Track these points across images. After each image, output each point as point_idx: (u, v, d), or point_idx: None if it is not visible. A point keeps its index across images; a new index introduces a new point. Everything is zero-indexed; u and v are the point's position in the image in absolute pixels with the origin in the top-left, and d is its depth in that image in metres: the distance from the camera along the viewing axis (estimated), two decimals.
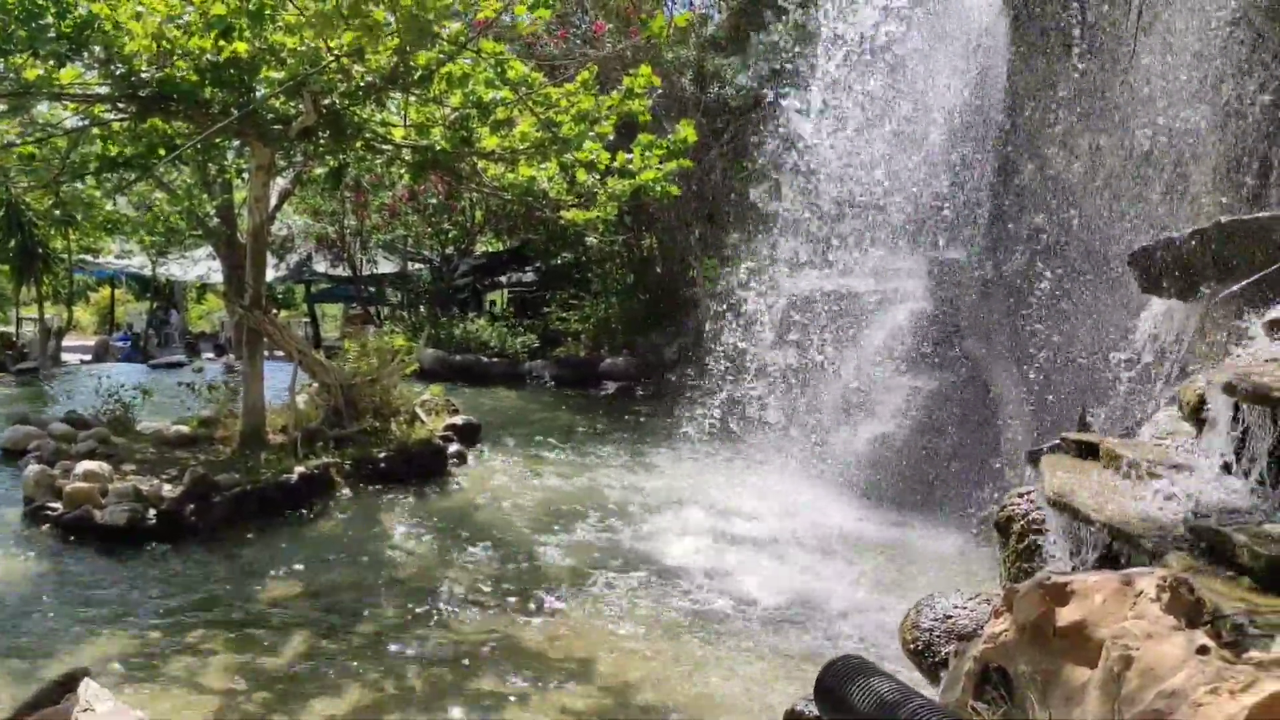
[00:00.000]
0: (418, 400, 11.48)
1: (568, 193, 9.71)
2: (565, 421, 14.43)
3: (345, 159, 10.02)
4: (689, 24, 16.03)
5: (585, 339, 19.79)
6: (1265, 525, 3.23)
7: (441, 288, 22.69)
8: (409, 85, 8.19)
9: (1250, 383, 3.54)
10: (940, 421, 9.77)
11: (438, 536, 8.19)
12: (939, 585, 5.53)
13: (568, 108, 8.70)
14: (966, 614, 4.34)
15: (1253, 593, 2.91)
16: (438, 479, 10.03)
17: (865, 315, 10.76)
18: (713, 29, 17.76)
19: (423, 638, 5.99)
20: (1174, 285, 6.28)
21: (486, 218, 21.67)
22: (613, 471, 11.02)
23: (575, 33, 17.62)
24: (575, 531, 8.48)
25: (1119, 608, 2.36)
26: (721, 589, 7.04)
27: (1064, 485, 4.11)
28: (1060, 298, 9.21)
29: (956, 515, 8.78)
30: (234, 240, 18.45)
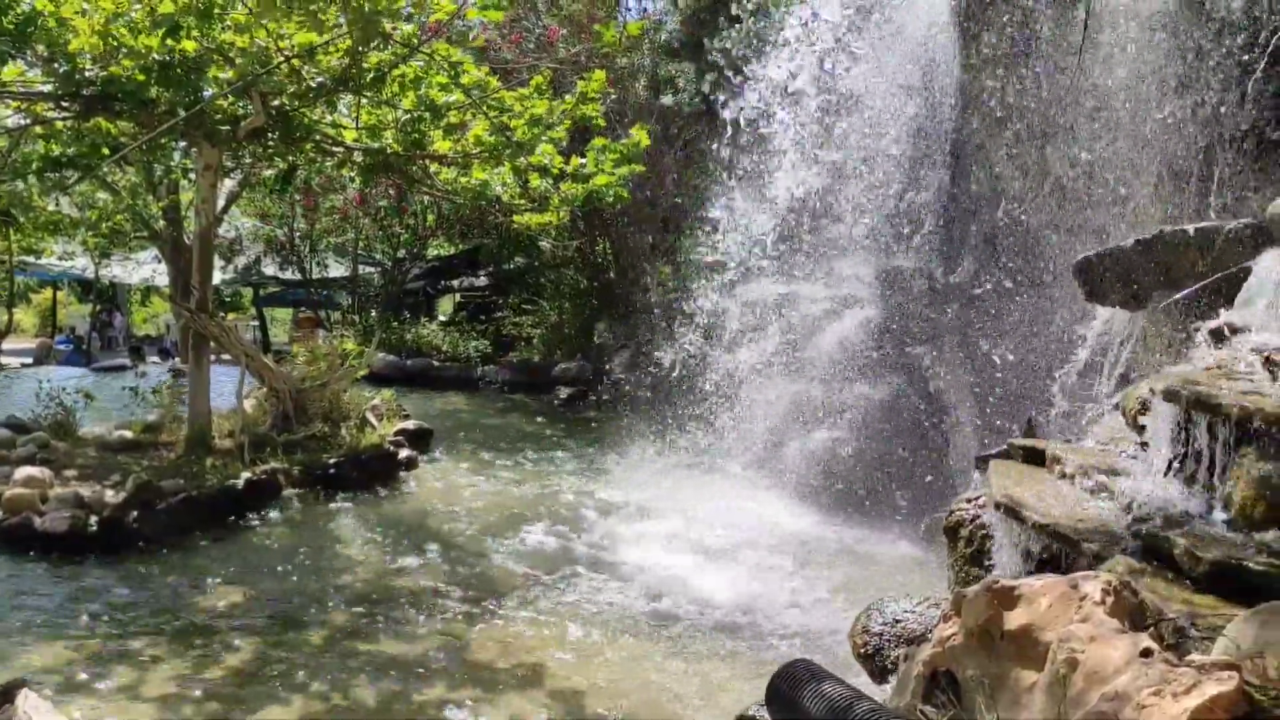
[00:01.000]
0: (368, 405, 11.36)
1: (521, 197, 9.67)
2: (518, 426, 14.36)
3: (295, 161, 9.90)
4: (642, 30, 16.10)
5: (538, 344, 19.71)
6: (1205, 529, 3.30)
7: (393, 292, 22.47)
8: (360, 87, 8.11)
9: (1191, 390, 3.62)
10: (890, 428, 9.87)
11: (388, 543, 8.11)
12: (889, 590, 5.58)
13: (521, 112, 8.68)
14: (915, 618, 4.39)
15: (1194, 595, 2.97)
16: (388, 485, 9.93)
17: (816, 321, 10.84)
18: (666, 35, 17.79)
19: (373, 645, 5.92)
20: (1118, 294, 6.40)
21: (439, 221, 21.50)
22: (566, 477, 10.99)
23: (529, 37, 17.57)
24: (528, 537, 8.44)
25: (1065, 611, 2.39)
26: (674, 594, 7.05)
27: (1011, 490, 4.17)
28: (1007, 305, 9.35)
29: (906, 520, 8.87)
30: (180, 242, 18.14)
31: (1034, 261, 9.12)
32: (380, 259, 23.61)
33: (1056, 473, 4.52)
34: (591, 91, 8.75)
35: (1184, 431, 3.68)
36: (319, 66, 7.96)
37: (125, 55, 7.52)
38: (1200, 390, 3.61)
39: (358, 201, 20.42)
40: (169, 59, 7.37)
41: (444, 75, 8.22)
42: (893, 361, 10.37)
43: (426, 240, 22.88)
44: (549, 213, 9.71)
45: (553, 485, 10.53)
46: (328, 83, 8.01)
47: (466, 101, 8.45)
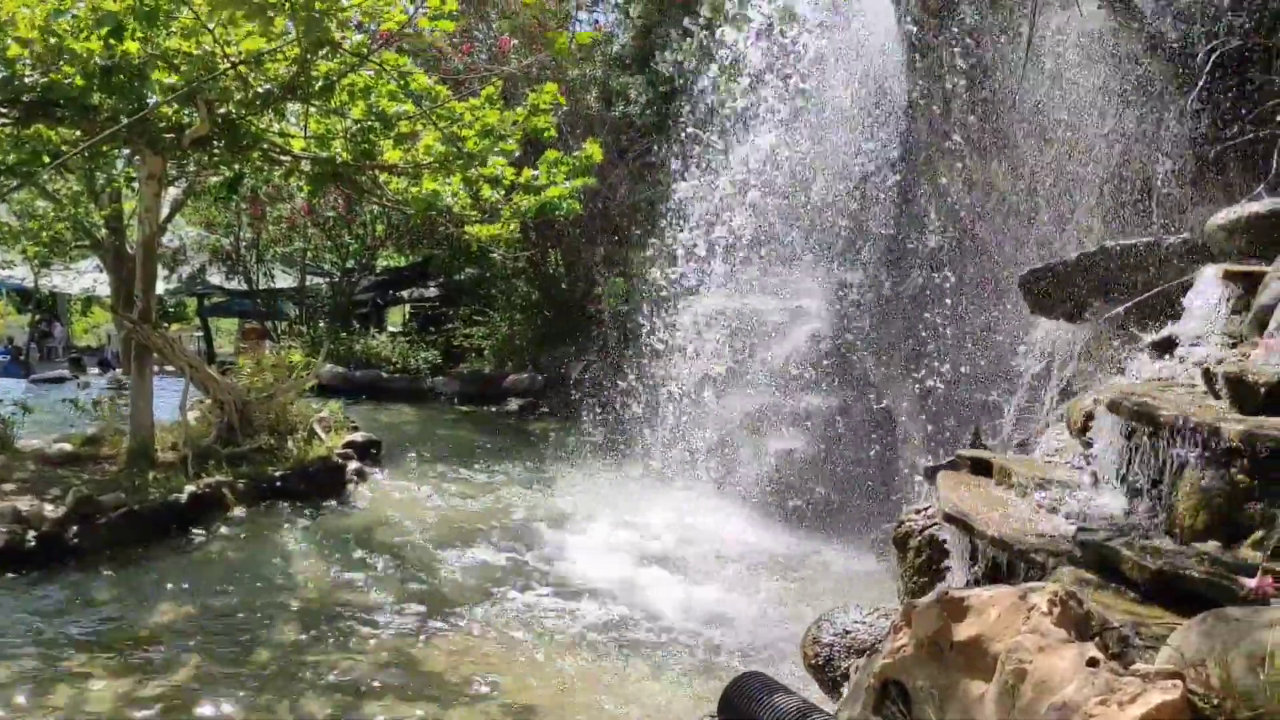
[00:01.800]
0: (316, 417, 11.22)
1: (472, 208, 9.62)
2: (468, 438, 14.26)
3: (241, 169, 9.76)
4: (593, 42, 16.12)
5: (489, 355, 19.61)
6: (1149, 539, 3.36)
7: (341, 302, 22.22)
8: (309, 95, 8.03)
9: (1134, 401, 3.68)
10: (841, 439, 9.95)
11: (336, 556, 8.00)
12: (840, 600, 5.60)
13: (472, 122, 8.64)
14: (865, 629, 4.41)
15: (1138, 605, 3.02)
16: (336, 497, 9.82)
17: (767, 333, 10.91)
18: (618, 47, 17.85)
19: (320, 661, 5.83)
20: (1062, 307, 6.52)
21: (388, 232, 21.32)
22: (517, 489, 10.93)
23: (480, 47, 17.53)
24: (478, 550, 8.38)
25: (1013, 622, 2.41)
26: (625, 606, 7.04)
27: (959, 501, 4.21)
28: (955, 318, 9.47)
29: (857, 531, 8.93)
30: (123, 251, 17.80)
31: (981, 274, 9.25)
32: (329, 269, 23.34)
33: (1004, 484, 4.57)
34: (543, 103, 8.74)
35: (1128, 442, 3.75)
36: (266, 74, 7.86)
37: (66, 60, 7.37)
38: (1143, 402, 3.67)
39: (305, 211, 20.19)
40: (111, 64, 7.23)
41: (394, 84, 8.16)
42: (842, 373, 10.46)
43: (376, 251, 22.67)
44: (500, 224, 9.67)
45: (503, 497, 10.46)
46: (275, 91, 7.91)
47: (417, 111, 8.40)
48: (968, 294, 9.41)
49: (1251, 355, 3.88)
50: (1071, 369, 6.47)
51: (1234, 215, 5.15)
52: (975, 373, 8.80)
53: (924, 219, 10.29)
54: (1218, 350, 4.10)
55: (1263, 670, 2.09)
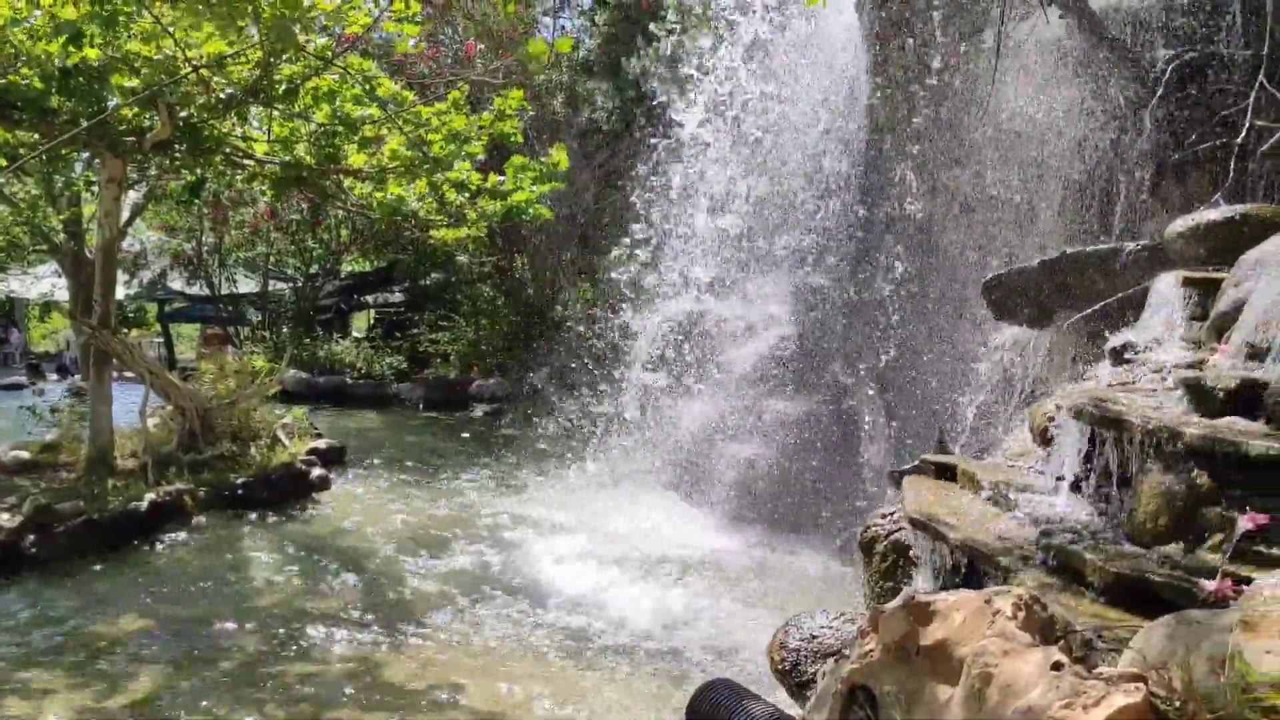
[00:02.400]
0: (279, 423, 11.10)
1: (438, 212, 9.57)
2: (433, 444, 14.18)
3: (203, 173, 9.65)
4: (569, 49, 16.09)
5: (455, 361, 19.52)
6: (1111, 543, 3.40)
7: (305, 307, 22.02)
8: (272, 99, 7.95)
9: (1096, 406, 3.73)
10: (807, 444, 9.99)
11: (300, 564, 7.92)
12: (806, 605, 5.62)
13: (438, 127, 8.60)
14: (832, 633, 4.42)
15: (1101, 608, 3.05)
16: (300, 504, 9.71)
17: (734, 339, 10.93)
18: (584, 53, 17.85)
19: (283, 671, 5.76)
20: (1024, 313, 6.59)
21: (353, 236, 21.17)
22: (482, 495, 10.87)
23: (446, 52, 17.46)
24: (444, 557, 8.32)
25: (979, 626, 2.43)
26: (592, 612, 7.01)
27: (924, 506, 4.24)
28: (920, 323, 9.55)
29: (823, 536, 8.96)
30: (82, 256, 17.50)
31: (945, 280, 9.34)
32: (292, 274, 23.14)
33: (968, 488, 4.61)
34: (509, 108, 8.72)
35: (1090, 447, 3.79)
36: (229, 77, 7.78)
37: (24, 63, 7.26)
38: (1105, 407, 3.72)
39: (269, 215, 20.00)
40: (70, 67, 7.12)
41: (358, 88, 8.10)
42: (809, 378, 10.50)
43: (340, 255, 22.51)
44: (466, 228, 9.63)
45: (469, 504, 10.40)
46: (238, 94, 7.83)
47: (382, 116, 8.34)
48: (932, 300, 9.49)
49: (1210, 360, 3.94)
50: (1034, 374, 6.54)
51: (1192, 223, 5.24)
52: (940, 377, 8.87)
53: (889, 225, 10.37)
54: (1177, 356, 4.15)
55: (1223, 672, 2.12)
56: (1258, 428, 3.32)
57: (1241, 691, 2.05)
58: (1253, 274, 4.14)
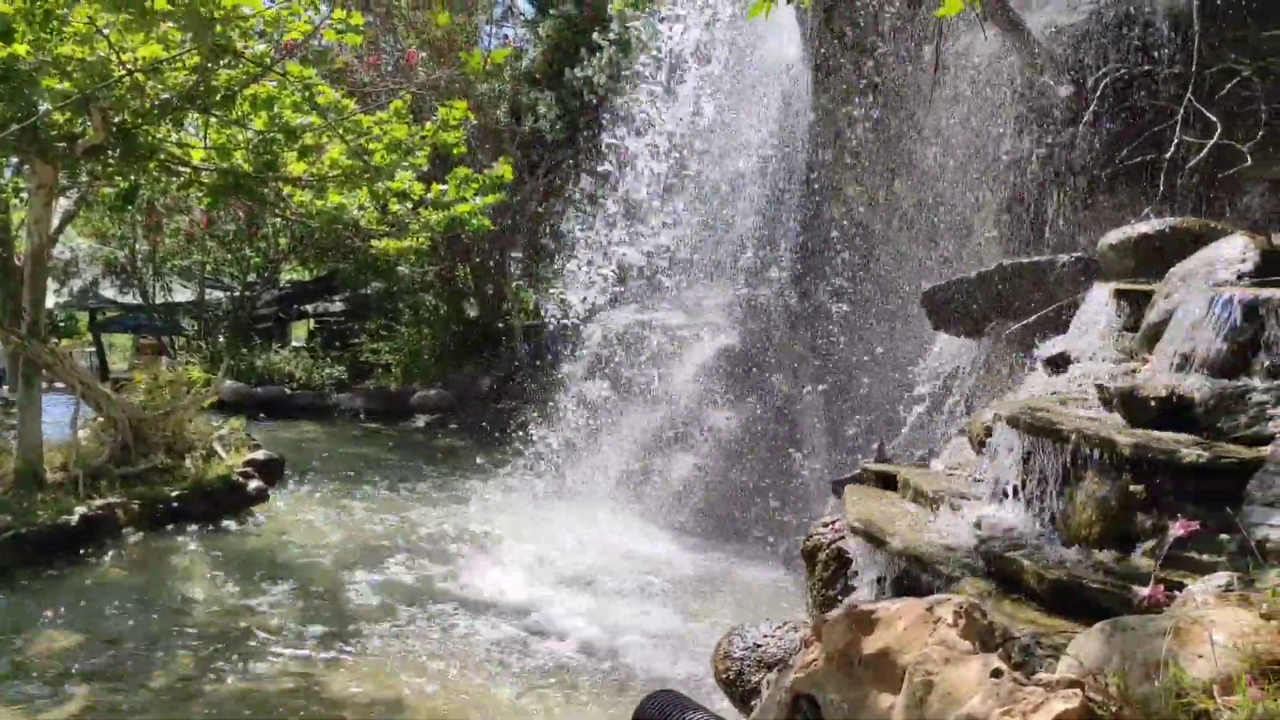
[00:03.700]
0: (215, 435, 10.89)
1: (379, 222, 9.48)
2: (375, 456, 14.01)
3: (137, 180, 9.44)
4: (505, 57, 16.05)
5: (396, 371, 19.33)
6: (1048, 550, 3.46)
7: (242, 317, 21.64)
8: (209, 105, 7.81)
9: (1032, 416, 3.79)
10: (749, 453, 10.04)
11: (236, 579, 7.77)
12: (751, 615, 5.64)
13: (380, 135, 8.51)
14: (775, 642, 4.44)
15: (1039, 614, 3.10)
16: (237, 518, 9.54)
17: (678, 348, 10.96)
18: (527, 63, 17.82)
19: (219, 688, 5.64)
20: (962, 323, 6.70)
21: (292, 245, 20.88)
22: (425, 507, 10.76)
23: (387, 60, 17.33)
24: (385, 570, 8.22)
25: (920, 634, 2.46)
26: (535, 624, 6.97)
27: (865, 514, 4.28)
28: (861, 333, 9.66)
29: (767, 545, 9.01)
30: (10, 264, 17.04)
31: (885, 290, 9.46)
32: (229, 283, 22.73)
33: (909, 497, 4.66)
34: (452, 119, 8.66)
35: (1027, 456, 3.85)
36: (165, 82, 7.63)
37: None
38: (1041, 416, 3.79)
39: (205, 223, 19.65)
40: None
41: (298, 96, 8.00)
42: (751, 388, 10.56)
43: (279, 264, 22.18)
44: (409, 238, 9.55)
45: (411, 515, 10.29)
46: (174, 99, 7.68)
47: (322, 124, 8.24)
48: (873, 310, 9.61)
49: (1142, 371, 4.03)
50: (971, 383, 6.65)
51: (1124, 236, 5.37)
52: (881, 387, 8.98)
53: (830, 236, 10.49)
54: (1110, 366, 4.24)
55: (1157, 677, 2.16)
56: (1188, 436, 3.40)
57: (1175, 696, 2.09)
58: (1181, 286, 4.25)
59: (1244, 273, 4.12)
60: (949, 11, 4.44)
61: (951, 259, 8.19)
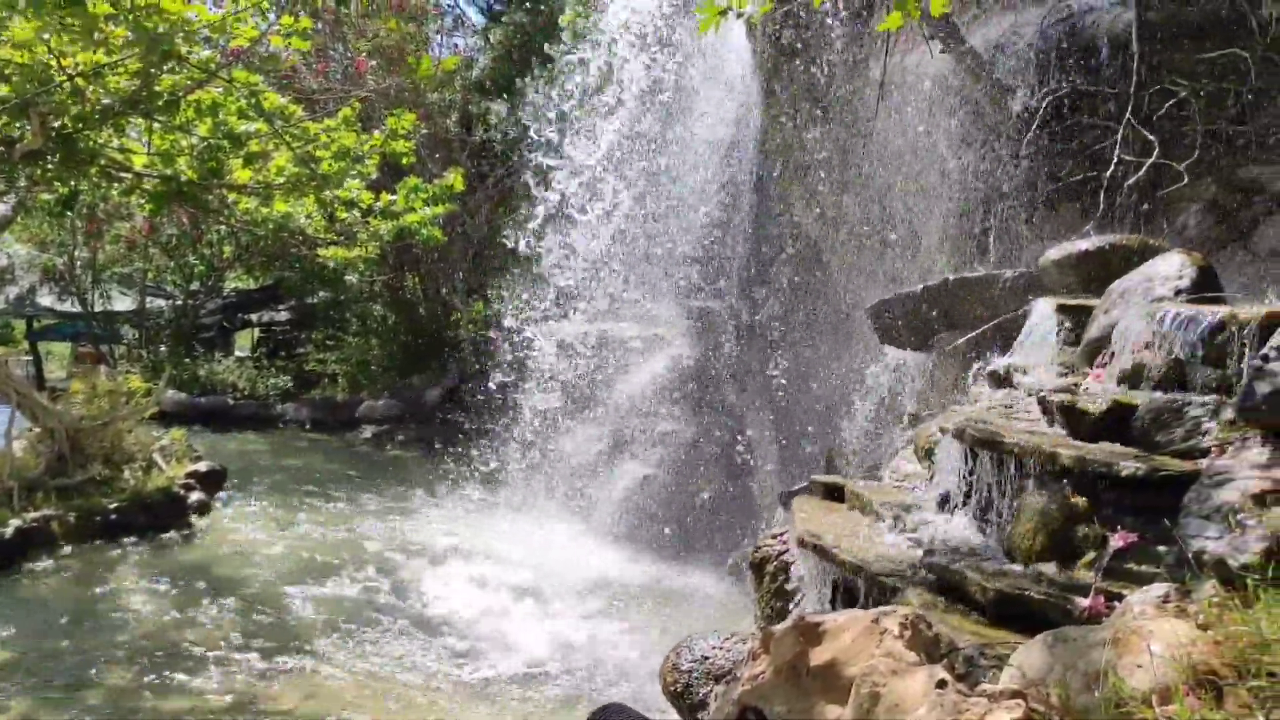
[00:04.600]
0: (156, 446, 10.68)
1: (327, 230, 9.37)
2: (320, 467, 13.83)
3: (77, 186, 9.25)
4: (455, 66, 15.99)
5: (343, 381, 19.11)
6: (992, 562, 3.50)
7: (185, 325, 21.28)
8: (152, 111, 7.68)
9: (977, 429, 3.84)
10: (699, 465, 10.06)
11: (176, 593, 7.61)
12: (700, 626, 5.65)
13: (328, 143, 8.43)
14: (723, 654, 4.44)
15: (984, 626, 3.13)
16: (177, 530, 9.37)
17: (627, 361, 10.96)
18: (477, 72, 17.77)
19: (157, 705, 5.52)
20: (909, 336, 6.77)
21: (237, 253, 20.59)
22: (371, 519, 10.64)
23: (336, 67, 17.17)
24: (330, 583, 8.11)
25: (867, 646, 2.47)
26: (483, 638, 6.92)
27: (813, 527, 4.31)
28: (810, 345, 9.73)
29: (716, 556, 9.02)
30: None
31: (834, 304, 9.54)
32: (172, 291, 22.35)
33: (856, 508, 4.70)
34: (401, 129, 8.60)
35: (971, 468, 3.90)
36: (106, 87, 7.48)
37: None
38: (985, 429, 3.84)
39: (147, 230, 19.29)
40: None
41: (244, 102, 7.89)
42: (701, 399, 10.59)
43: (223, 272, 21.85)
44: (357, 248, 9.46)
45: (357, 528, 10.16)
46: (116, 105, 7.54)
47: (268, 131, 8.13)
48: (821, 322, 9.69)
49: (1083, 384, 4.10)
50: (917, 396, 6.72)
51: (1065, 252, 5.46)
52: (829, 399, 9.04)
53: (780, 249, 10.57)
54: (1052, 380, 4.31)
55: (1098, 688, 2.19)
56: (1127, 449, 3.46)
57: (1115, 706, 2.13)
58: (1120, 302, 4.34)
59: (1180, 289, 4.21)
60: (890, 26, 4.50)
61: (898, 273, 8.28)
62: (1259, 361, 3.09)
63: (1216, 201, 6.32)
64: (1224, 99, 6.43)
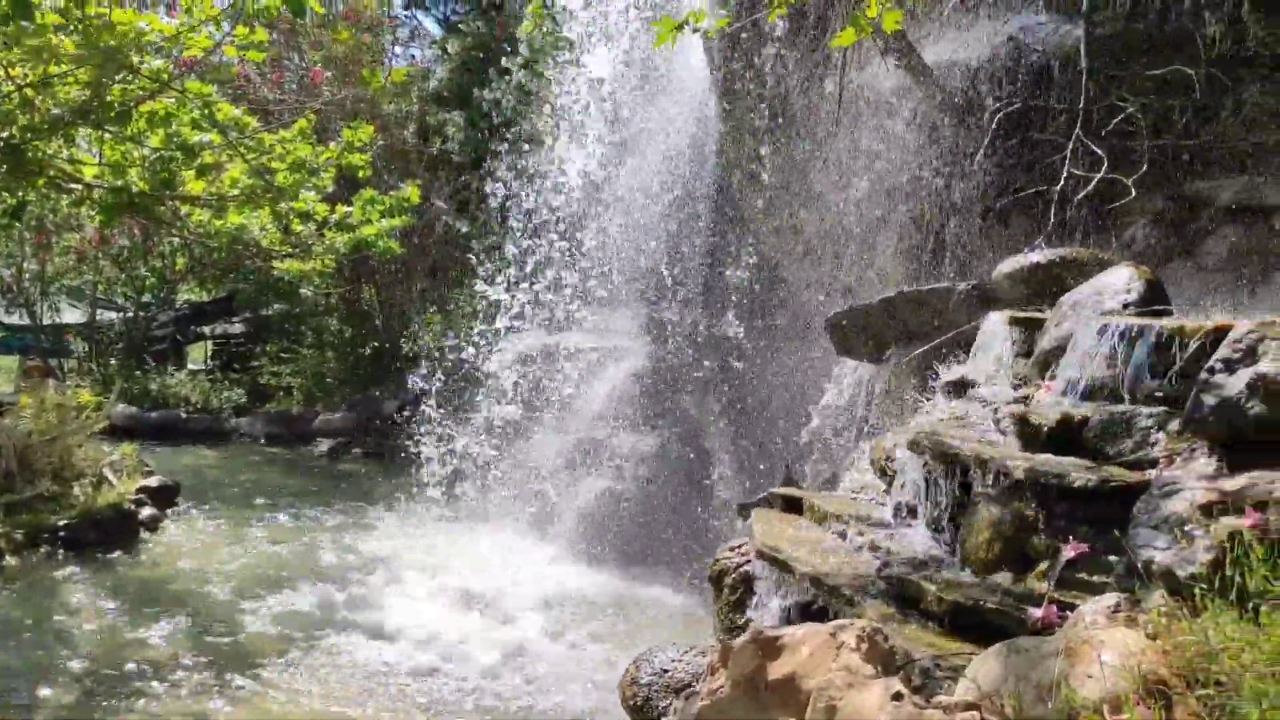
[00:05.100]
0: (106, 461, 10.49)
1: (282, 243, 9.28)
2: (275, 482, 13.66)
3: (25, 197, 9.09)
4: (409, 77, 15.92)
5: (298, 394, 18.90)
6: (948, 573, 3.53)
7: (137, 338, 20.94)
8: (103, 121, 7.57)
9: (932, 441, 3.88)
10: (659, 477, 10.06)
11: (127, 610, 7.48)
12: (660, 638, 5.65)
13: (283, 155, 8.35)
14: (683, 667, 4.45)
15: (940, 637, 3.16)
16: (129, 546, 9.21)
17: (587, 372, 10.95)
18: (435, 83, 17.71)
19: None
20: (865, 348, 6.83)
21: (190, 264, 20.31)
22: (327, 534, 10.52)
23: (291, 78, 17.04)
24: (285, 599, 8.01)
25: (825, 659, 2.49)
26: (441, 651, 6.86)
27: (772, 539, 4.32)
28: (768, 357, 9.78)
29: (676, 568, 9.02)
30: None
31: (791, 316, 9.60)
32: (123, 303, 21.99)
33: (813, 521, 4.72)
34: (358, 141, 8.55)
35: (927, 479, 3.94)
36: (56, 97, 7.37)
37: None
38: (940, 441, 3.88)
39: (97, 241, 18.99)
40: None
41: (197, 113, 7.80)
42: (661, 411, 10.60)
43: (176, 284, 21.54)
44: (313, 260, 9.37)
45: (313, 543, 10.05)
46: (66, 115, 7.42)
47: (222, 142, 8.05)
48: (779, 334, 9.74)
49: (1035, 396, 4.16)
50: (875, 407, 6.78)
51: (1017, 264, 5.54)
52: (787, 410, 9.09)
53: (737, 261, 10.62)
54: (1005, 392, 4.37)
55: (1051, 699, 2.22)
56: (1079, 460, 3.51)
57: (1067, 717, 2.15)
58: (1071, 315, 4.41)
59: (1129, 302, 4.28)
60: (844, 42, 4.55)
61: (854, 285, 8.36)
62: (1206, 374, 3.16)
63: (1164, 215, 6.44)
64: (1171, 114, 6.56)
